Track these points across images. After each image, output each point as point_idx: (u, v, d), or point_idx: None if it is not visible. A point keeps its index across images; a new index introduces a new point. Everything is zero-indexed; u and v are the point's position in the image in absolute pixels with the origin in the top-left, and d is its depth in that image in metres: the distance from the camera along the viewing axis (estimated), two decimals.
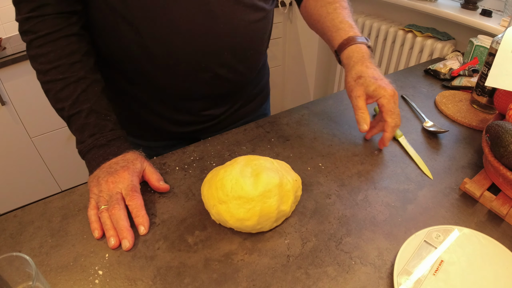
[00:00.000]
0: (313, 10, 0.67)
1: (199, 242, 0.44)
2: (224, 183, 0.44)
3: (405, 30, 1.47)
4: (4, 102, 1.42)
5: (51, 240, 0.45)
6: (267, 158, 0.49)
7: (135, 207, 0.46)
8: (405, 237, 0.44)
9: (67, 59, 0.51)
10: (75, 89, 0.52)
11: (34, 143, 1.60)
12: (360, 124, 0.55)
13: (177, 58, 0.56)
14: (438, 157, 0.59)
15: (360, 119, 0.55)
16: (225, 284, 0.39)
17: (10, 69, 1.37)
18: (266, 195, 0.43)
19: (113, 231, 0.44)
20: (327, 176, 0.55)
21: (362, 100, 0.55)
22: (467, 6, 1.25)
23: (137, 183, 0.49)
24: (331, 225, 0.46)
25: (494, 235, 0.44)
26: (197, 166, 0.57)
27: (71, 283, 0.40)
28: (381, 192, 0.52)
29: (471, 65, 0.84)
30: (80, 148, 0.52)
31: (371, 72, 0.56)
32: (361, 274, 0.40)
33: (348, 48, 0.59)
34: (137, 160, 0.51)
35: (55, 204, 0.51)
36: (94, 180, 0.49)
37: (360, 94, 0.55)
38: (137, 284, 0.39)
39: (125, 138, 0.55)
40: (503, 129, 0.48)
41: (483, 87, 0.69)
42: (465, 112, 0.71)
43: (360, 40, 0.59)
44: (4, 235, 0.46)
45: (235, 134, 0.65)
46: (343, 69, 0.64)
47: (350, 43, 0.59)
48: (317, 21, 0.66)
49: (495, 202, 0.48)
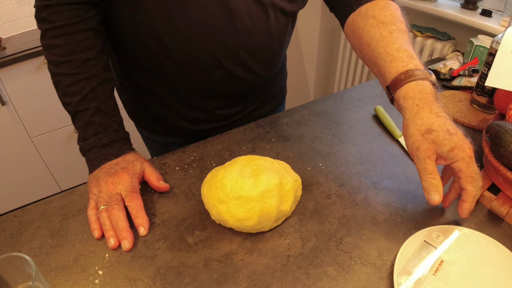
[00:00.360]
0: (362, 31, 0.54)
1: (199, 242, 0.44)
2: (224, 183, 0.44)
3: None
4: (4, 102, 1.42)
5: (51, 240, 0.45)
6: (267, 158, 0.49)
7: (134, 208, 0.46)
8: (405, 237, 0.44)
9: (82, 54, 0.51)
10: (85, 86, 0.51)
11: (34, 143, 1.60)
12: (430, 194, 0.42)
13: (192, 54, 0.56)
14: None
15: (429, 188, 0.42)
16: (225, 284, 0.39)
17: (10, 69, 1.37)
18: (266, 195, 0.43)
19: (112, 232, 0.44)
20: (327, 176, 0.55)
21: (432, 162, 0.43)
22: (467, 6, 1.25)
23: (136, 184, 0.49)
24: (331, 225, 0.46)
25: (494, 235, 0.44)
26: (197, 166, 0.57)
27: (71, 283, 0.40)
28: (381, 192, 0.52)
29: (471, 65, 0.84)
30: (82, 146, 0.52)
31: (443, 122, 0.43)
32: (361, 274, 0.40)
33: (406, 85, 0.46)
34: (137, 161, 0.51)
35: (55, 204, 0.51)
36: (94, 180, 0.49)
37: (430, 155, 0.43)
38: (137, 284, 0.39)
39: (127, 140, 0.55)
40: (503, 129, 0.48)
41: (483, 87, 0.69)
42: (465, 112, 0.71)
43: (422, 75, 0.46)
44: (4, 235, 0.46)
45: (235, 134, 0.65)
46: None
47: (409, 78, 0.46)
48: (367, 45, 0.53)
49: (495, 202, 0.48)
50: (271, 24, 0.58)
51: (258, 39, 0.58)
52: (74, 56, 0.51)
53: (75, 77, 0.51)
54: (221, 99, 0.67)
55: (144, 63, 0.60)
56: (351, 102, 0.75)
